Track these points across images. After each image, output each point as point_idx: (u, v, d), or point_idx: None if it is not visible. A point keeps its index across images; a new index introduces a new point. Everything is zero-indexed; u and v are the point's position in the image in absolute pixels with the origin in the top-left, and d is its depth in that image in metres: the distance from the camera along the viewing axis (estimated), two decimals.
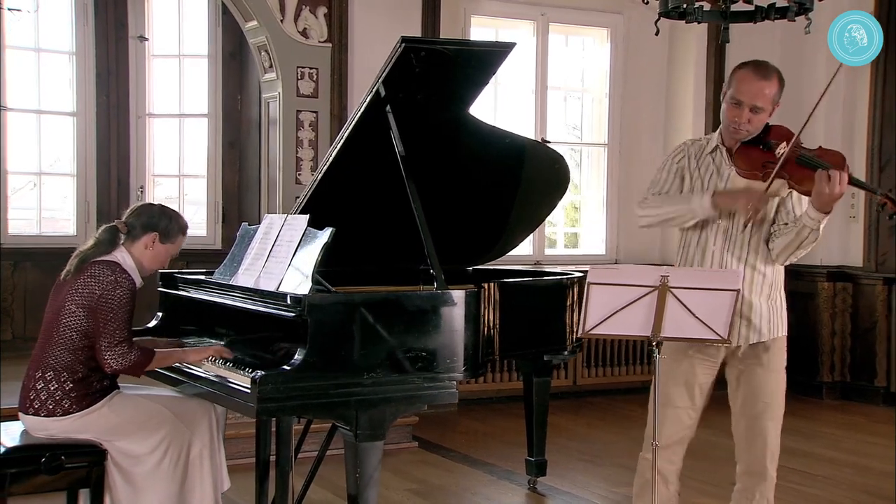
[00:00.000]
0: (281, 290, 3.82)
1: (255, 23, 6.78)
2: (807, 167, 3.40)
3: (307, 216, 4.00)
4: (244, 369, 3.72)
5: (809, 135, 3.66)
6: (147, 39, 7.88)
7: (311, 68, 6.82)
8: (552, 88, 8.26)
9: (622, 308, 3.33)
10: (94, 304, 3.69)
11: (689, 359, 3.69)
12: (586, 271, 5.00)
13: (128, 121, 7.83)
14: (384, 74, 4.05)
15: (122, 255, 3.84)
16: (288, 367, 3.52)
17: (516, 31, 8.04)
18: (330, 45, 6.88)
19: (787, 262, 3.61)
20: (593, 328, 3.38)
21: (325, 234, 3.83)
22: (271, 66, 6.83)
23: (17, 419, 3.83)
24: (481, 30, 7.87)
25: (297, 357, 3.55)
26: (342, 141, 4.31)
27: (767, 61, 3.65)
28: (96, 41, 7.75)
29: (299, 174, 6.82)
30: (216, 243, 7.93)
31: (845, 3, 6.29)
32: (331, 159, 4.39)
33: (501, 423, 6.80)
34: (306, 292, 3.65)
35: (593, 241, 8.55)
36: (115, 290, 3.71)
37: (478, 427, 6.66)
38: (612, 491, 5.29)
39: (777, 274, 3.65)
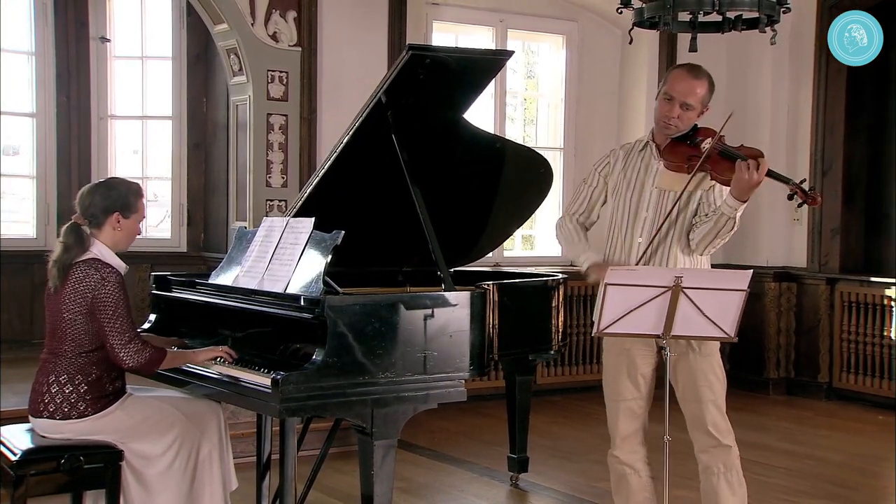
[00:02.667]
0: (289, 291, 3.89)
1: (224, 26, 6.78)
2: (728, 159, 3.70)
3: (313, 219, 4.07)
4: (259, 370, 3.78)
5: (756, 141, 3.96)
6: (109, 40, 7.81)
7: (281, 72, 6.85)
8: (510, 93, 8.43)
9: (636, 308, 3.48)
10: (89, 306, 3.70)
11: (628, 352, 3.93)
12: (568, 273, 5.22)
13: (89, 122, 7.74)
14: (389, 81, 4.14)
15: (97, 248, 3.80)
16: (309, 368, 3.60)
17: (476, 37, 8.19)
18: (300, 48, 6.92)
19: (706, 252, 3.85)
20: (608, 327, 3.53)
21: (334, 237, 3.91)
22: (241, 70, 6.84)
23: None
24: (442, 35, 8.00)
25: (317, 357, 3.62)
26: (341, 146, 4.37)
27: (700, 65, 3.92)
28: (56, 41, 7.64)
29: (269, 177, 6.85)
30: (181, 246, 7.89)
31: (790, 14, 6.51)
32: (328, 165, 4.44)
33: (470, 422, 6.92)
34: (318, 294, 3.73)
35: (549, 242, 8.72)
36: (104, 287, 3.70)
37: (448, 426, 6.76)
38: (592, 486, 5.46)
39: (700, 266, 3.88)
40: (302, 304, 3.73)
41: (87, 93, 7.73)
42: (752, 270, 3.61)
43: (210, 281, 4.43)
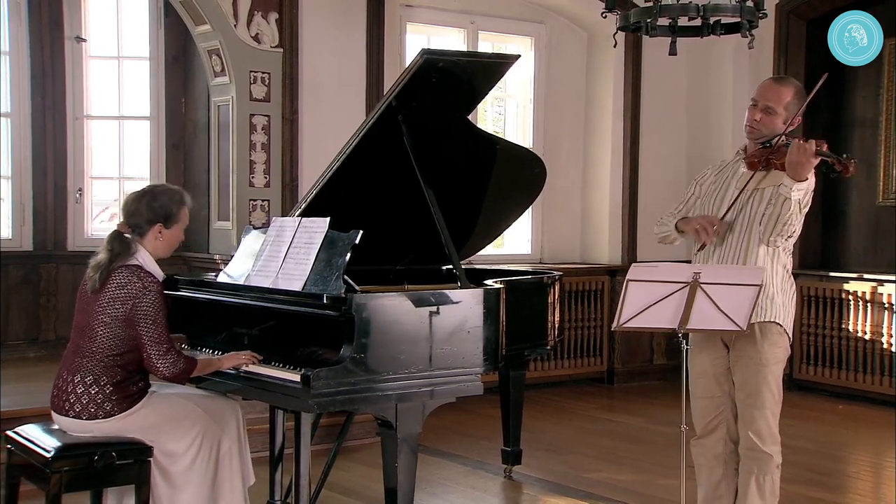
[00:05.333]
0: (307, 290, 3.98)
1: (207, 27, 6.81)
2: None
3: (328, 219, 4.16)
4: (281, 366, 3.87)
5: (717, 142, 4.13)
6: (84, 40, 7.77)
7: (263, 73, 6.91)
8: None
9: (656, 302, 3.64)
10: (128, 313, 3.78)
11: (702, 352, 4.08)
12: (539, 271, 5.37)
13: (64, 122, 7.68)
14: (402, 84, 4.24)
15: (140, 256, 3.91)
16: (337, 364, 3.70)
17: (448, 39, 8.31)
18: (281, 50, 6.98)
19: (773, 240, 3.90)
20: (627, 321, 3.69)
21: (352, 236, 4.00)
22: (223, 71, 6.88)
23: None
24: (415, 36, 8.11)
25: (344, 353, 3.72)
26: (350, 148, 4.46)
27: (789, 76, 4.06)
28: (30, 41, 7.56)
29: (252, 177, 6.90)
30: None
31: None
32: (336, 166, 4.52)
33: (452, 417, 7.01)
34: (340, 292, 3.82)
35: (518, 240, 8.88)
36: (145, 296, 3.79)
37: (431, 421, 6.74)
38: (583, 476, 5.62)
39: (770, 262, 3.97)
40: (325, 301, 3.81)
41: (62, 93, 7.67)
42: (764, 267, 3.79)
43: (219, 280, 4.49)
